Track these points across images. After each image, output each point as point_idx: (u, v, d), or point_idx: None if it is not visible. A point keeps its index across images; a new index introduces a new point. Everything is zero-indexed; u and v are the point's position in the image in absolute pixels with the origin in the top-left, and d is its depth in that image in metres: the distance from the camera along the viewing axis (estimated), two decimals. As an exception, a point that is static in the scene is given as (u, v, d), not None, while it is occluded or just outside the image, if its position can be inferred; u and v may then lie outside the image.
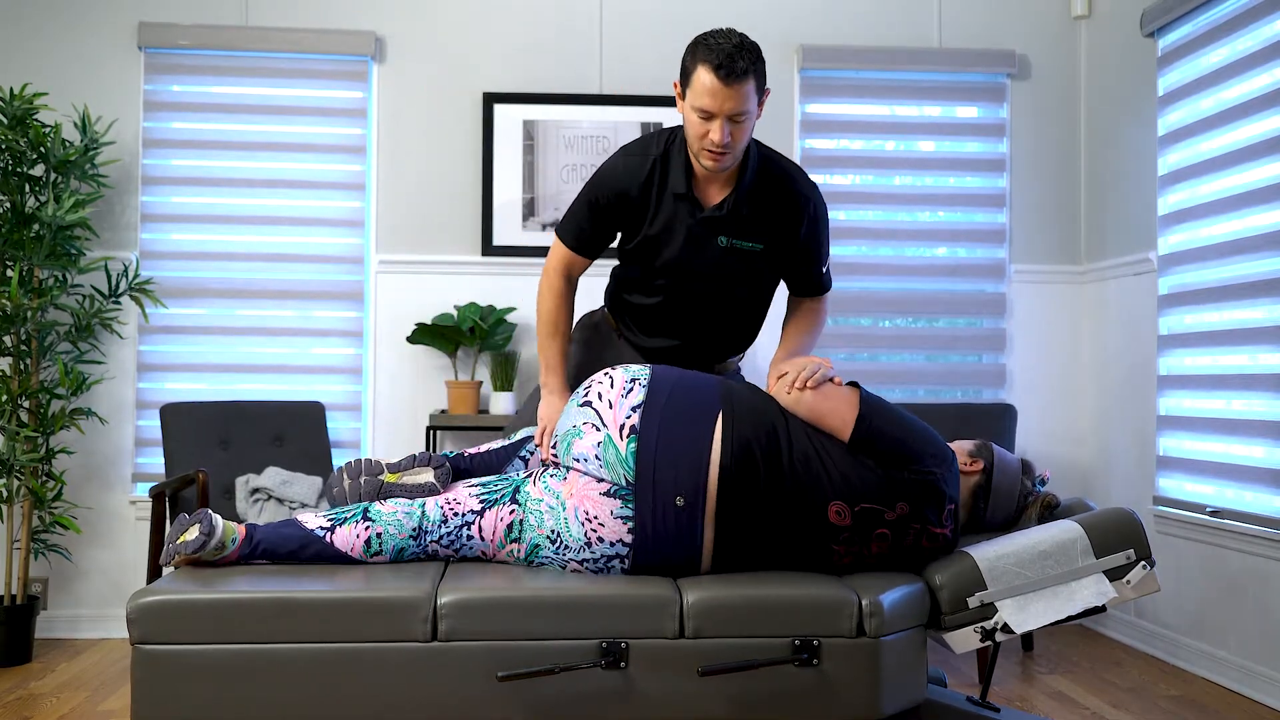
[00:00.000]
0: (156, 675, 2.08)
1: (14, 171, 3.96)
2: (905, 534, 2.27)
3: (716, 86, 2.33)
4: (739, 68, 2.33)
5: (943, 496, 2.28)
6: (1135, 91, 4.25)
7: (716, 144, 2.38)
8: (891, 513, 2.25)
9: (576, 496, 2.26)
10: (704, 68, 2.35)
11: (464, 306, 4.27)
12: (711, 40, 2.36)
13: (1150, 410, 4.08)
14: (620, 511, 2.23)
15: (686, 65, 2.40)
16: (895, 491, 2.25)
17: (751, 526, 2.25)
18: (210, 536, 2.25)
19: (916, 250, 4.61)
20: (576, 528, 2.25)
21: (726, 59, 2.32)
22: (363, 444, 4.39)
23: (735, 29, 2.41)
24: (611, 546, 2.24)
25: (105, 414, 4.28)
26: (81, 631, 4.26)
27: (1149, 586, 2.30)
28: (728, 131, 2.37)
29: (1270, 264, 3.47)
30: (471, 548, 2.34)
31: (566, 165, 4.44)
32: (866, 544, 2.27)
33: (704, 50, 2.35)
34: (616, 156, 2.59)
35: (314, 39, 4.36)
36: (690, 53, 2.39)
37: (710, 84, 2.34)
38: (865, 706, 2.17)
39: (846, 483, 2.24)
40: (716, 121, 2.36)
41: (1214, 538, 3.68)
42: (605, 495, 2.24)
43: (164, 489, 3.56)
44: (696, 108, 2.37)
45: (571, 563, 2.28)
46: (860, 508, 2.24)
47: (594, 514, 2.24)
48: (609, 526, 2.24)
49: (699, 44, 2.38)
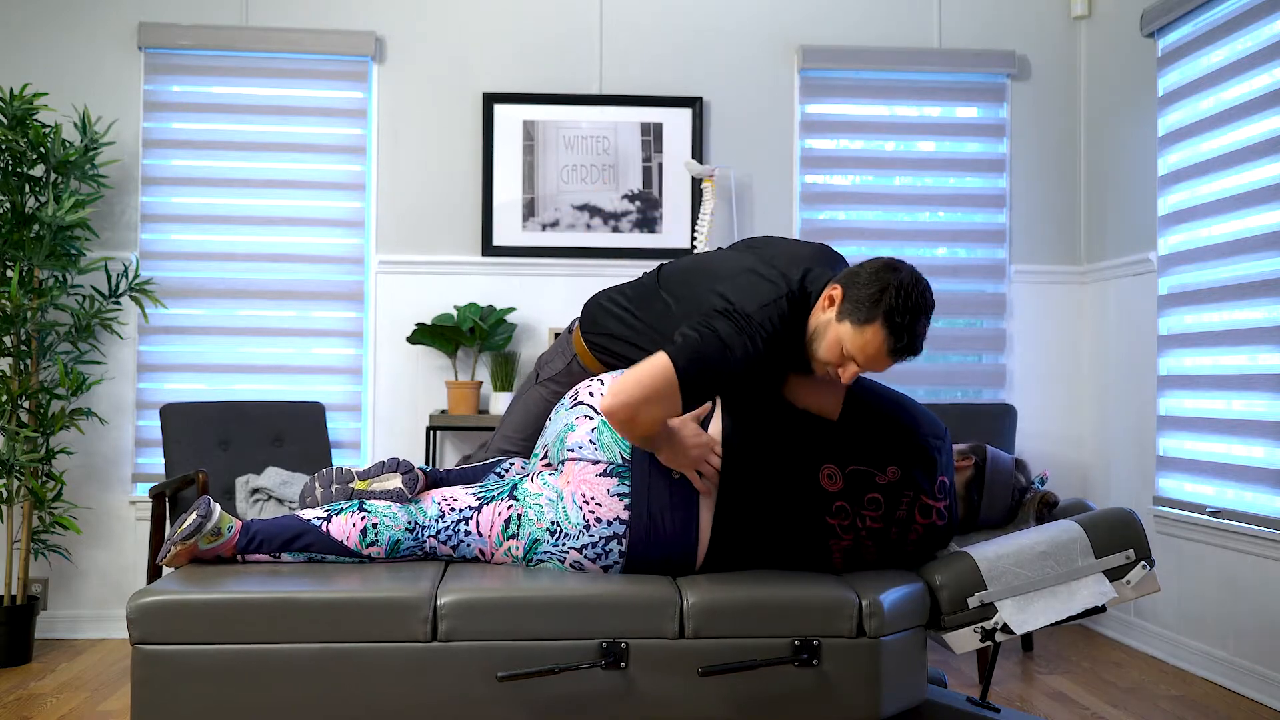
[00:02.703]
0: (156, 675, 2.08)
1: (14, 172, 3.96)
2: (898, 503, 2.28)
3: (882, 356, 2.20)
4: (915, 350, 2.22)
5: (934, 463, 2.29)
6: (1135, 91, 4.25)
7: (840, 381, 2.27)
8: (883, 475, 2.27)
9: (574, 483, 2.29)
10: (883, 332, 2.18)
11: (464, 307, 4.27)
12: (903, 303, 2.17)
13: (1150, 410, 4.08)
14: (617, 489, 2.25)
15: (864, 302, 2.19)
16: (885, 453, 2.27)
17: (748, 497, 2.27)
18: (206, 519, 2.27)
19: (916, 250, 4.61)
20: (575, 512, 2.27)
21: (909, 341, 2.19)
22: (362, 444, 4.39)
23: (926, 291, 2.20)
24: (609, 526, 2.25)
25: (105, 414, 4.28)
26: (81, 632, 4.26)
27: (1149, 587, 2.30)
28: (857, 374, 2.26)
29: (1270, 264, 3.47)
30: (469, 544, 2.35)
31: (566, 165, 4.44)
32: (860, 514, 2.27)
33: (891, 314, 2.17)
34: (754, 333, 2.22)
35: (314, 39, 4.36)
36: (877, 293, 2.18)
37: (878, 351, 2.19)
38: (865, 707, 2.17)
39: (838, 444, 2.27)
40: (855, 370, 2.23)
41: (1214, 538, 3.68)
42: (602, 475, 2.26)
43: (164, 489, 3.56)
44: (849, 352, 2.21)
45: (571, 552, 2.28)
46: (851, 469, 2.26)
47: (591, 495, 2.26)
48: (606, 505, 2.26)
49: (890, 299, 2.17)
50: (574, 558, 2.29)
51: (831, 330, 2.22)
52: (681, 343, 2.20)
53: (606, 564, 2.28)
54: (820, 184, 4.57)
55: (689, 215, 4.46)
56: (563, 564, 2.30)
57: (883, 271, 2.21)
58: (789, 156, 4.55)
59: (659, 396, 2.14)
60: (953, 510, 2.36)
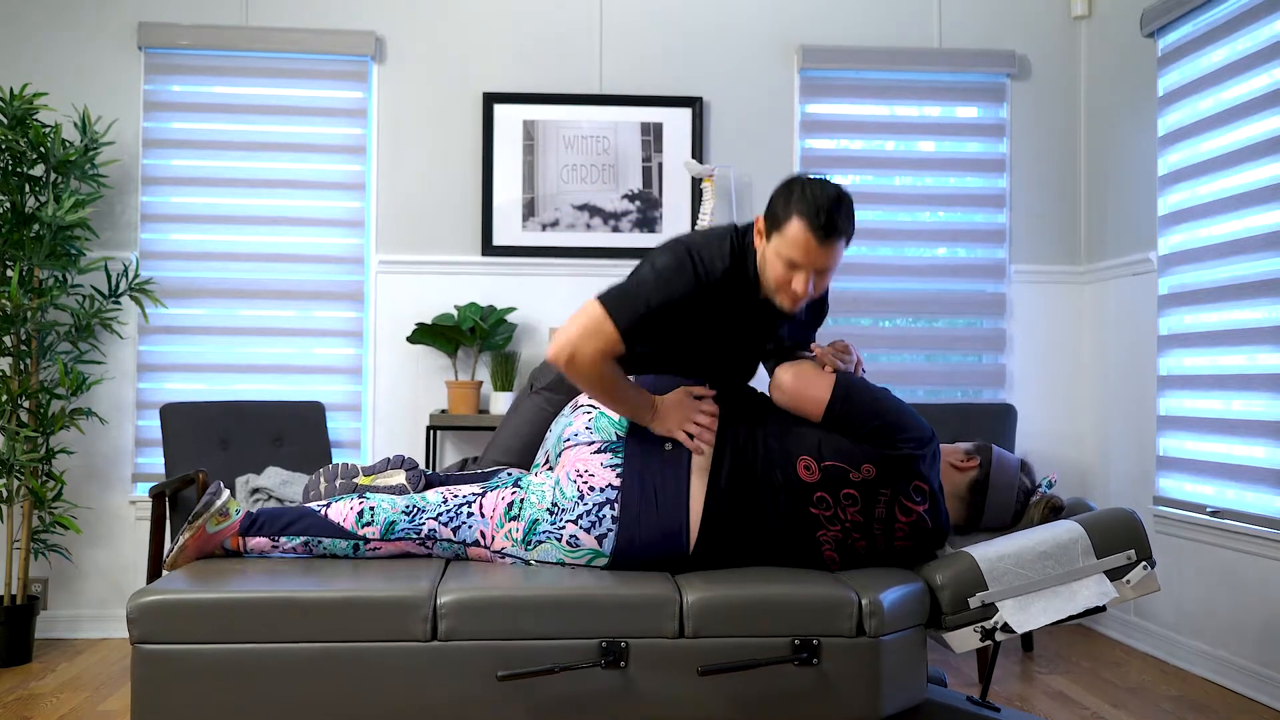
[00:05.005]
0: (156, 675, 2.08)
1: (14, 171, 3.96)
2: (875, 500, 2.30)
3: (811, 244, 2.25)
4: (838, 227, 2.25)
5: (908, 469, 2.29)
6: (1135, 91, 4.25)
7: (800, 295, 2.31)
8: (857, 473, 2.31)
9: (569, 465, 2.37)
10: (800, 221, 2.25)
11: (464, 306, 4.27)
12: (810, 193, 2.26)
13: (1150, 410, 4.08)
14: (610, 461, 2.34)
15: (778, 210, 2.29)
16: (860, 453, 2.32)
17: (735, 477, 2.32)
18: (216, 496, 2.39)
19: (916, 250, 4.61)
20: (569, 486, 2.34)
21: (828, 219, 2.23)
22: (362, 444, 4.39)
23: (831, 180, 2.31)
24: (602, 493, 2.32)
25: (105, 414, 4.28)
26: (81, 631, 4.26)
27: (1149, 586, 2.30)
28: (812, 283, 2.31)
29: (1270, 264, 3.47)
30: (470, 525, 2.38)
31: (566, 165, 4.44)
32: (841, 506, 2.31)
33: (802, 202, 2.25)
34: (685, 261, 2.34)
35: (314, 39, 4.36)
36: (784, 196, 2.28)
37: (804, 240, 2.25)
38: (865, 706, 2.17)
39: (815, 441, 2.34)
40: (802, 274, 2.29)
41: (1214, 538, 3.68)
42: (596, 453, 2.36)
43: (164, 489, 3.55)
44: (784, 257, 2.28)
45: (568, 525, 2.33)
46: (826, 463, 2.31)
47: (585, 469, 2.35)
48: (599, 475, 2.33)
49: (796, 192, 2.27)
50: (570, 531, 2.33)
51: (768, 252, 2.32)
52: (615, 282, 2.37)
53: (600, 533, 2.31)
54: (820, 184, 4.57)
55: (689, 215, 4.46)
56: (559, 541, 2.33)
57: (786, 181, 2.33)
58: (789, 156, 4.55)
59: (590, 330, 2.27)
60: (937, 514, 2.35)
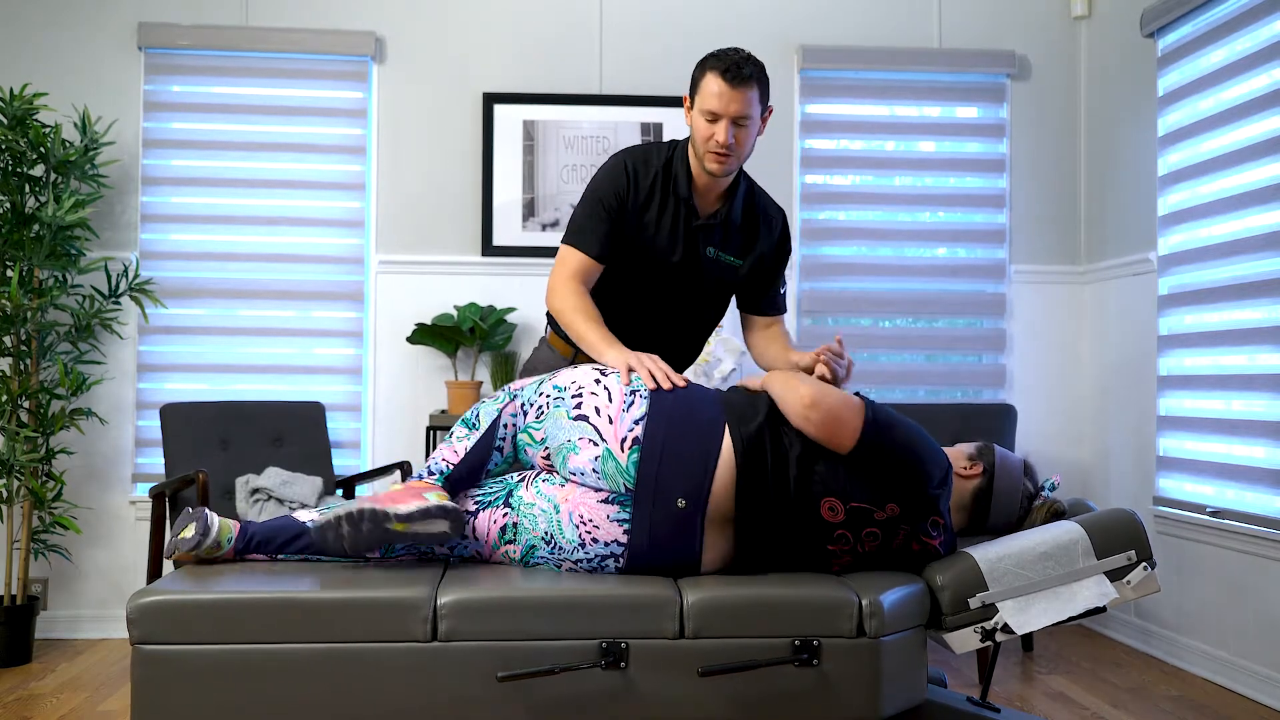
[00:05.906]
0: (156, 675, 2.08)
1: (14, 172, 3.96)
2: (894, 534, 2.29)
3: (723, 89, 2.50)
4: (745, 73, 2.51)
5: (934, 509, 2.30)
6: (1135, 92, 4.25)
7: (721, 144, 2.52)
8: (881, 512, 2.27)
9: (571, 502, 2.26)
10: (712, 74, 2.53)
11: (464, 307, 4.27)
12: (719, 51, 2.57)
13: (1150, 410, 4.08)
14: (617, 515, 2.24)
15: (695, 76, 2.58)
16: (887, 495, 2.26)
17: (752, 528, 2.25)
18: (205, 536, 2.28)
19: (916, 250, 4.61)
20: (570, 530, 2.26)
21: (734, 65, 2.51)
22: (362, 444, 4.39)
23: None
24: (606, 547, 2.25)
25: (105, 414, 4.28)
26: (81, 632, 4.26)
27: (1149, 587, 2.30)
28: (732, 134, 2.52)
29: (1270, 264, 3.47)
30: (466, 545, 2.35)
31: (566, 165, 4.44)
32: (860, 542, 2.28)
33: (712, 59, 2.55)
34: (620, 157, 2.68)
35: (314, 39, 4.36)
36: (700, 65, 2.58)
37: (717, 88, 2.51)
38: (865, 707, 2.17)
39: (840, 481, 2.25)
40: (722, 123, 2.52)
41: (1214, 538, 3.68)
42: (602, 502, 2.25)
43: (164, 489, 3.55)
44: (704, 110, 2.53)
45: (566, 562, 2.29)
46: (852, 505, 2.25)
47: (589, 518, 2.25)
48: (604, 529, 2.24)
49: (708, 56, 2.58)
50: (569, 566, 2.30)
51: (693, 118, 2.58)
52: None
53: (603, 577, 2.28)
54: (820, 184, 4.57)
55: (689, 215, 4.45)
56: (559, 568, 2.31)
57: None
58: (789, 156, 4.55)
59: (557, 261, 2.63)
60: (948, 539, 2.36)
